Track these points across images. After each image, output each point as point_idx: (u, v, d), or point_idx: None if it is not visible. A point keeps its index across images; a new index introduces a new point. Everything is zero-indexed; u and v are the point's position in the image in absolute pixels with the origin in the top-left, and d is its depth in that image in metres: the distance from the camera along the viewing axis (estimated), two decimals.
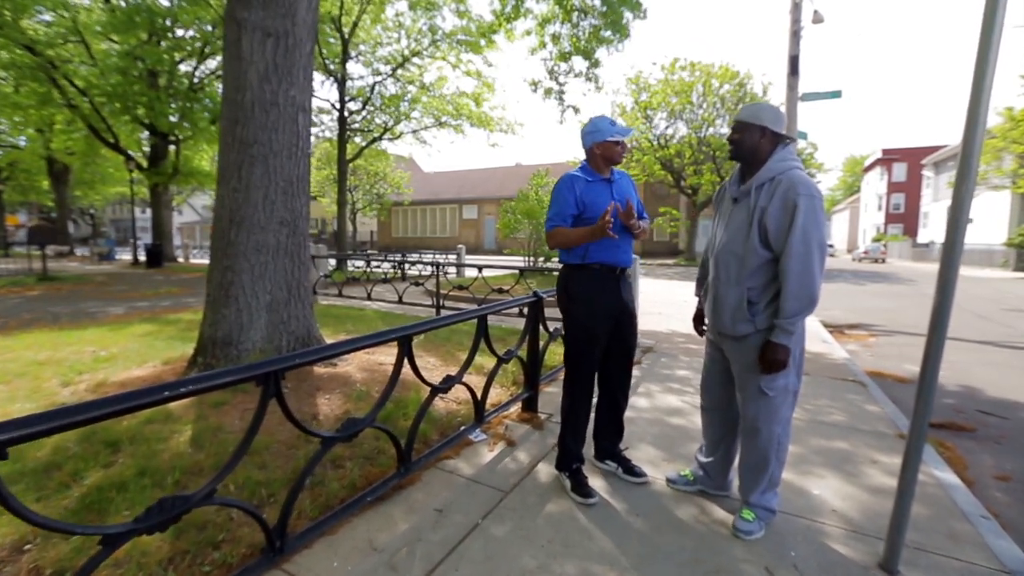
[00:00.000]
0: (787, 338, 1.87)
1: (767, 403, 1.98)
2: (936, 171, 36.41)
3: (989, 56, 1.50)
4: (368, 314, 7.03)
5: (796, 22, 8.73)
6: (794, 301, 1.84)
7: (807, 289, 1.84)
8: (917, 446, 1.69)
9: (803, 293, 1.84)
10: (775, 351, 1.89)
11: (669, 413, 3.47)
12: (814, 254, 1.83)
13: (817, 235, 1.84)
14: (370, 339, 1.95)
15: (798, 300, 1.84)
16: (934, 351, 1.62)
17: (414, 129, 16.62)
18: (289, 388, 3.25)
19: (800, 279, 1.83)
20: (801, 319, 1.86)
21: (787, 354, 1.89)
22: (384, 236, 40.94)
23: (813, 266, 1.83)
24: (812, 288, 1.84)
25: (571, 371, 2.45)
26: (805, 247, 1.82)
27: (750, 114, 1.99)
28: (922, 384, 1.64)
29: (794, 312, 1.85)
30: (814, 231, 1.83)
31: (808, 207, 1.83)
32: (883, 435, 3.22)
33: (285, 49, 3.54)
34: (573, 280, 2.42)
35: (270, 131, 3.51)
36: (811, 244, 1.83)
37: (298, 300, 3.73)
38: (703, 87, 21.69)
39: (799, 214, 1.83)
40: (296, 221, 3.71)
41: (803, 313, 1.85)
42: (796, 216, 1.83)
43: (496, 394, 3.66)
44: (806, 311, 1.86)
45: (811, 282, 1.83)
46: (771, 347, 1.90)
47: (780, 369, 1.90)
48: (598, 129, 2.37)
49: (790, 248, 1.84)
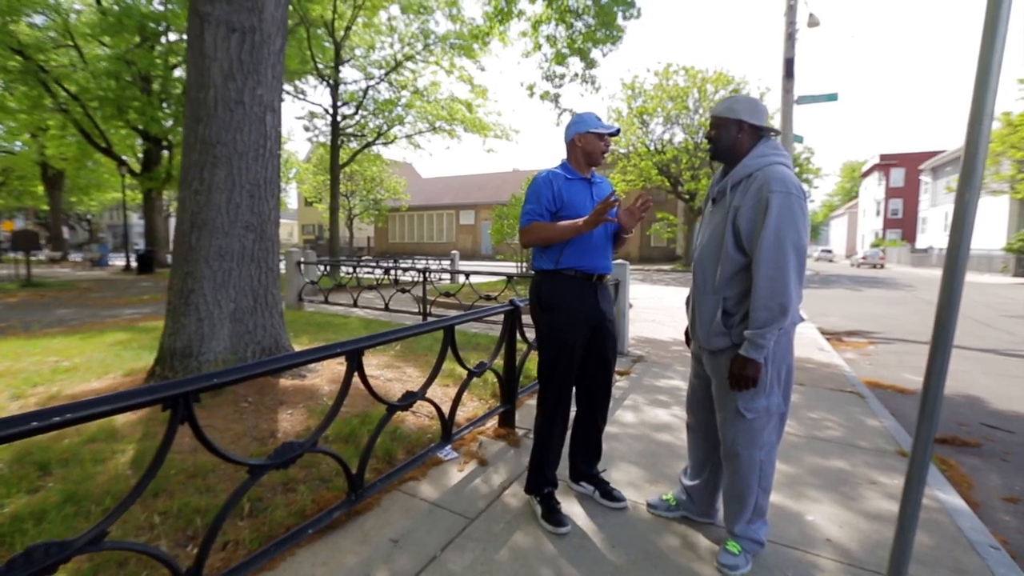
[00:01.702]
0: (756, 352, 1.67)
1: (746, 426, 1.78)
2: (934, 176, 36.35)
3: (995, 48, 1.33)
4: (352, 322, 6.84)
5: (791, 24, 8.60)
6: (763, 311, 1.64)
7: (778, 297, 1.63)
8: (920, 475, 1.50)
9: (773, 302, 1.63)
10: (742, 366, 1.69)
11: (656, 428, 3.27)
12: (788, 257, 1.63)
13: (792, 236, 1.63)
14: (309, 355, 1.75)
15: (767, 309, 1.64)
16: (937, 368, 1.43)
17: (408, 134, 16.49)
18: (250, 402, 3.06)
19: (770, 285, 1.63)
20: (772, 331, 1.65)
21: (756, 370, 1.69)
22: (381, 242, 40.81)
23: (786, 271, 1.63)
24: (784, 296, 1.63)
25: (543, 386, 2.26)
26: (777, 249, 1.63)
27: (724, 108, 1.82)
28: (924, 407, 1.45)
29: (763, 323, 1.64)
30: (788, 231, 1.63)
31: (782, 204, 1.63)
32: (883, 452, 3.02)
33: (252, 45, 3.37)
34: (545, 286, 2.24)
35: (235, 131, 3.33)
36: (784, 246, 1.63)
37: (265, 309, 3.54)
38: (699, 92, 21.62)
39: (772, 212, 1.62)
40: (263, 226, 3.52)
41: (773, 324, 1.65)
42: (769, 214, 1.63)
43: (473, 407, 3.47)
44: (777, 322, 1.65)
45: (783, 289, 1.63)
46: (738, 361, 1.70)
47: (748, 387, 1.70)
48: (582, 120, 2.23)
49: (761, 250, 1.64)
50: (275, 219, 3.64)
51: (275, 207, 3.63)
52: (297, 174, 33.44)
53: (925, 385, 1.44)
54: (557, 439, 2.26)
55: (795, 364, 1.86)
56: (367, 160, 20.73)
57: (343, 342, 1.91)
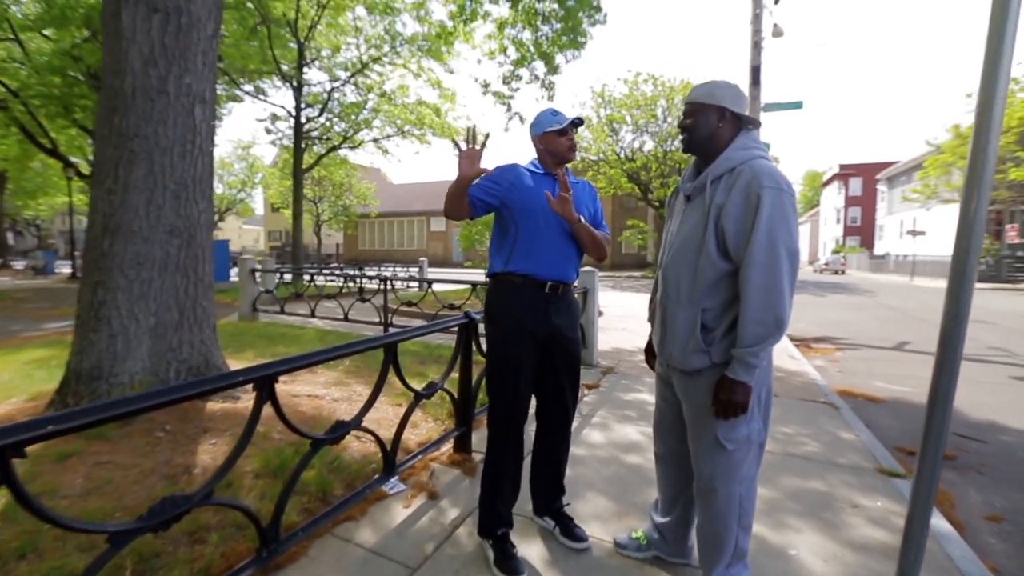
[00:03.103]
0: (747, 373, 1.44)
1: (725, 458, 1.54)
2: (889, 186, 37.88)
3: (1003, 54, 1.14)
4: (308, 333, 6.43)
5: (757, 33, 8.67)
6: (755, 325, 1.41)
7: (773, 309, 1.40)
8: (918, 544, 1.27)
9: (767, 314, 1.40)
10: (732, 390, 1.45)
11: (625, 449, 3.03)
12: (782, 263, 1.40)
13: (785, 238, 1.41)
14: (200, 385, 1.42)
15: (761, 324, 1.41)
16: (942, 398, 1.22)
17: (375, 138, 16.05)
18: (168, 431, 2.68)
19: (764, 296, 1.40)
20: (765, 349, 1.43)
21: (747, 395, 1.45)
22: (351, 249, 39.92)
23: (781, 279, 1.40)
24: (780, 307, 1.40)
25: (490, 410, 1.98)
26: (771, 254, 1.39)
27: (703, 93, 1.58)
28: (924, 457, 1.23)
29: (756, 339, 1.41)
30: (782, 233, 1.40)
31: (775, 202, 1.40)
32: (862, 470, 2.86)
33: (177, 28, 3.01)
34: (492, 294, 1.99)
35: (156, 123, 2.97)
36: (778, 250, 1.40)
37: (193, 323, 3.16)
38: (666, 101, 21.88)
39: (763, 211, 1.40)
40: (192, 230, 3.15)
41: (768, 341, 1.42)
42: (760, 214, 1.40)
43: (428, 429, 3.16)
44: (772, 338, 1.42)
45: (778, 300, 1.40)
46: (727, 385, 1.46)
47: (738, 414, 1.47)
48: (538, 121, 2.01)
49: (752, 255, 1.40)
50: (207, 223, 3.27)
51: (206, 210, 3.26)
52: (263, 179, 32.50)
53: (927, 428, 1.24)
54: (510, 471, 1.98)
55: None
56: (334, 165, 20.14)
57: (253, 367, 1.60)
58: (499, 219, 1.97)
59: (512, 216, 1.93)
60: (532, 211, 1.90)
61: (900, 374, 5.65)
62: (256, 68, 13.22)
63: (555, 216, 1.89)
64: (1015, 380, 5.43)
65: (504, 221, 1.96)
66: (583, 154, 24.87)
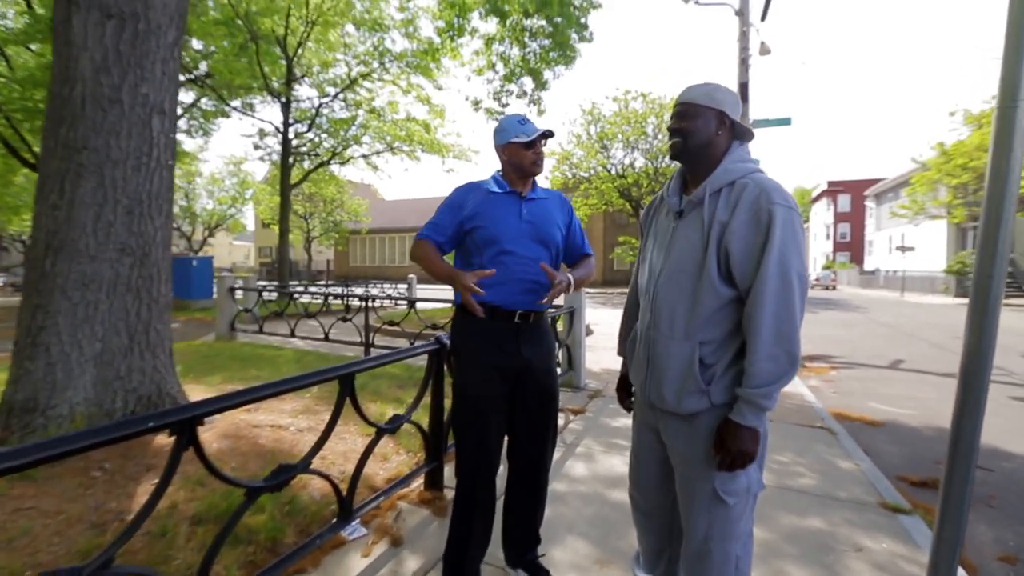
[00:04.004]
0: (758, 417, 1.25)
1: (723, 513, 1.34)
2: (877, 202, 38.31)
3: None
4: (286, 354, 6.17)
5: (744, 50, 8.68)
6: (767, 362, 1.22)
7: (785, 342, 1.22)
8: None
9: (779, 348, 1.22)
10: (740, 437, 1.25)
11: (611, 484, 2.82)
12: (794, 291, 1.23)
13: (797, 264, 1.24)
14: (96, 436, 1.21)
15: (774, 360, 1.22)
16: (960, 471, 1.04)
17: (364, 154, 15.96)
18: (106, 470, 2.43)
19: (776, 326, 1.22)
20: (779, 388, 1.24)
21: (757, 442, 1.27)
22: (341, 265, 39.64)
23: (794, 308, 1.23)
24: (793, 340, 1.23)
25: (457, 459, 1.78)
26: (783, 281, 1.22)
27: (702, 94, 1.39)
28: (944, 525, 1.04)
29: (768, 378, 1.22)
30: (793, 257, 1.24)
31: (787, 222, 1.23)
32: (864, 506, 2.66)
33: (134, 35, 2.85)
34: (457, 326, 1.80)
35: (107, 135, 2.78)
36: (790, 276, 1.23)
37: (145, 348, 2.93)
38: (656, 119, 22.04)
39: (775, 232, 1.22)
40: (147, 248, 2.94)
41: (782, 379, 1.24)
42: (771, 235, 1.23)
43: (399, 463, 2.93)
44: (786, 375, 1.24)
45: (791, 331, 1.23)
46: (733, 431, 1.26)
47: (747, 464, 1.27)
48: (502, 128, 1.81)
49: (763, 282, 1.23)
50: (164, 240, 3.06)
51: (163, 226, 3.05)
52: (254, 195, 32.32)
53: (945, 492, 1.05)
54: (479, 521, 1.76)
55: None
56: (323, 181, 20.00)
57: (170, 409, 1.38)
58: (461, 245, 1.79)
59: (475, 243, 1.75)
60: (496, 237, 1.72)
61: (896, 394, 5.49)
62: (244, 84, 13.13)
63: (523, 240, 1.72)
64: (1014, 401, 5.28)
65: (467, 248, 1.78)
66: (575, 171, 24.94)
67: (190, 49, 13.18)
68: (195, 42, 12.85)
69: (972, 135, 19.95)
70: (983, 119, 19.72)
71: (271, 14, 12.41)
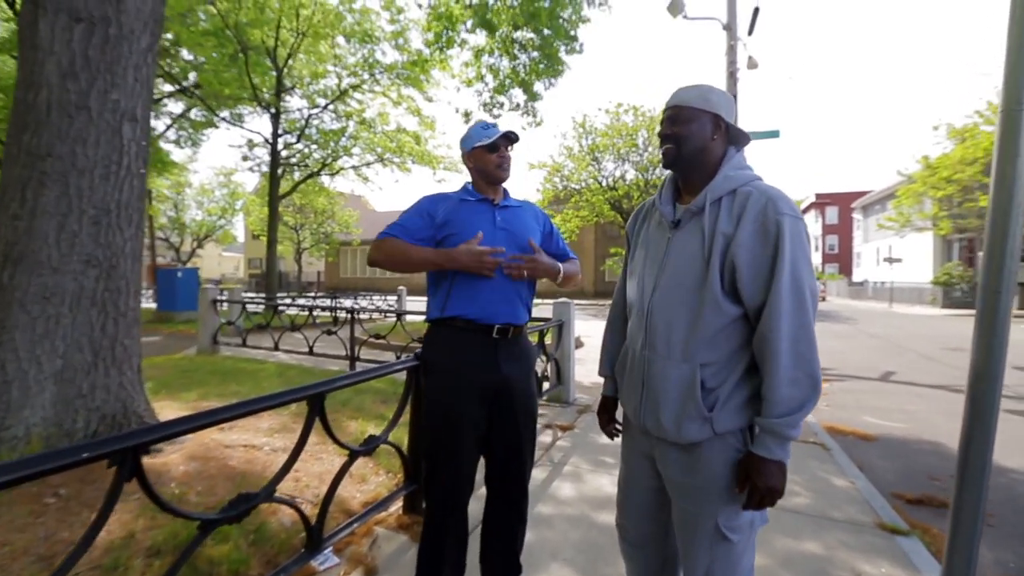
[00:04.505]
0: (784, 449, 1.14)
1: (726, 551, 1.22)
2: (864, 214, 38.82)
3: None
4: (268, 368, 6.01)
5: (732, 64, 8.75)
6: (790, 387, 1.12)
7: (807, 364, 1.12)
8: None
9: (800, 371, 1.12)
10: (767, 473, 1.13)
11: (599, 506, 2.70)
12: (809, 308, 1.14)
13: (809, 278, 1.16)
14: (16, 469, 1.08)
15: (796, 385, 1.12)
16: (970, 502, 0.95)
17: (354, 165, 15.89)
18: (61, 496, 2.28)
19: (794, 348, 1.12)
20: (804, 415, 1.14)
21: (785, 476, 1.15)
22: (332, 277, 39.35)
23: (810, 327, 1.14)
24: (814, 362, 1.14)
25: (427, 484, 1.68)
26: (797, 297, 1.13)
27: (696, 96, 1.29)
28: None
29: (793, 405, 1.12)
30: (805, 272, 1.15)
31: (796, 234, 1.15)
32: (860, 527, 2.56)
33: (104, 40, 2.75)
34: (430, 342, 1.70)
35: (74, 142, 2.66)
36: (803, 293, 1.14)
37: (111, 365, 2.78)
38: (647, 132, 22.23)
39: (785, 245, 1.13)
40: (114, 260, 2.81)
41: (807, 405, 1.13)
42: (781, 248, 1.13)
43: (377, 484, 2.79)
44: (811, 400, 1.13)
45: (810, 352, 1.13)
46: (759, 466, 1.14)
47: (776, 499, 1.15)
48: (467, 136, 1.76)
49: (777, 300, 1.13)
50: (133, 252, 2.94)
51: (133, 237, 2.93)
52: (244, 205, 32.10)
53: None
54: (452, 550, 1.65)
55: None
56: (313, 192, 19.89)
57: (109, 437, 1.26)
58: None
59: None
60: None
61: (889, 407, 5.43)
62: (234, 94, 13.05)
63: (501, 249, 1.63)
64: (1008, 414, 5.23)
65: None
66: (566, 183, 25.03)
67: (179, 59, 13.13)
68: (185, 52, 12.82)
69: (955, 149, 20.29)
70: (966, 133, 20.09)
71: (261, 25, 12.38)
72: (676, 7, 8.36)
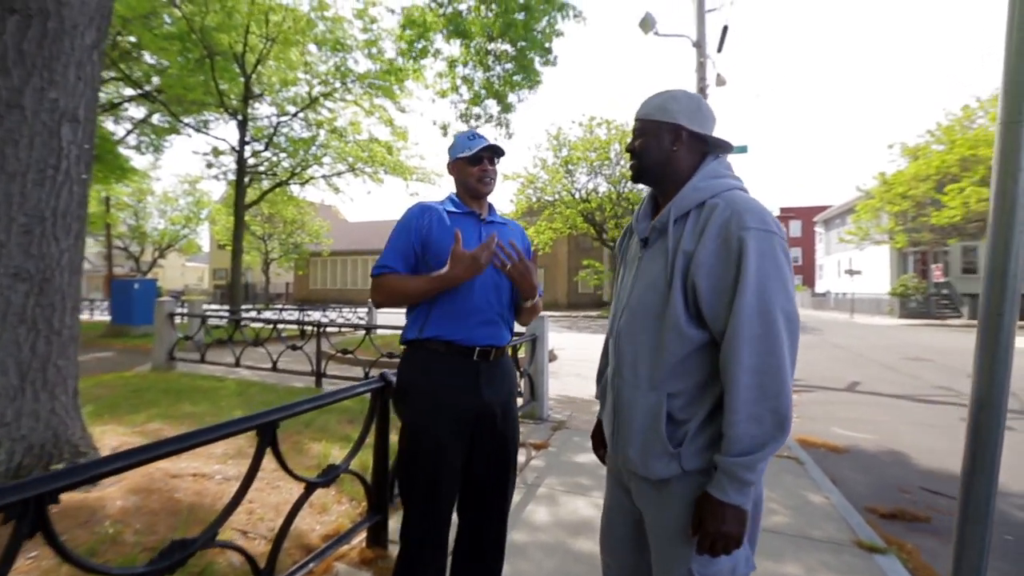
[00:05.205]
0: (741, 493, 1.00)
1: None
2: (826, 228, 40.29)
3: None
4: (228, 386, 5.69)
5: (702, 80, 8.94)
6: (749, 423, 0.99)
7: (771, 399, 0.99)
8: None
9: (763, 407, 0.99)
10: (721, 516, 1.01)
11: (575, 531, 2.58)
12: (780, 334, 1.00)
13: (782, 300, 1.02)
14: None
15: (756, 422, 0.99)
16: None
17: (325, 175, 15.55)
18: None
19: (757, 380, 0.99)
20: (765, 457, 1.01)
21: (742, 522, 1.03)
22: (301, 288, 38.41)
23: (780, 356, 1.00)
24: (781, 396, 0.99)
25: (404, 509, 1.54)
26: (764, 321, 1.00)
27: (656, 107, 1.21)
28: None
29: (751, 444, 0.99)
30: (775, 291, 1.02)
31: (763, 250, 1.03)
32: (839, 545, 2.51)
33: (41, 34, 2.54)
34: (406, 365, 1.58)
35: (3, 143, 2.43)
36: (773, 315, 1.01)
37: (41, 389, 2.53)
38: (619, 145, 22.60)
39: (749, 262, 1.01)
40: (48, 273, 2.57)
41: (769, 445, 1.00)
42: (745, 267, 1.01)
43: (340, 513, 2.61)
44: (774, 440, 1.00)
45: (778, 385, 0.99)
46: (713, 509, 1.02)
47: (731, 549, 1.03)
48: (452, 146, 1.67)
49: (738, 324, 1.01)
50: (71, 264, 2.70)
51: (72, 248, 2.69)
52: (209, 214, 31.06)
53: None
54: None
55: None
56: (282, 201, 19.37)
57: (7, 487, 1.07)
58: (414, 272, 1.58)
59: (429, 268, 1.54)
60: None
61: (857, 418, 5.51)
62: (199, 100, 12.62)
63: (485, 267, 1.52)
64: (958, 421, 5.37)
65: (419, 274, 1.57)
66: (540, 194, 25.17)
67: (142, 63, 12.64)
68: (148, 56, 12.34)
69: (909, 166, 21.30)
70: (919, 152, 21.15)
71: (229, 30, 12.03)
72: (648, 24, 8.50)
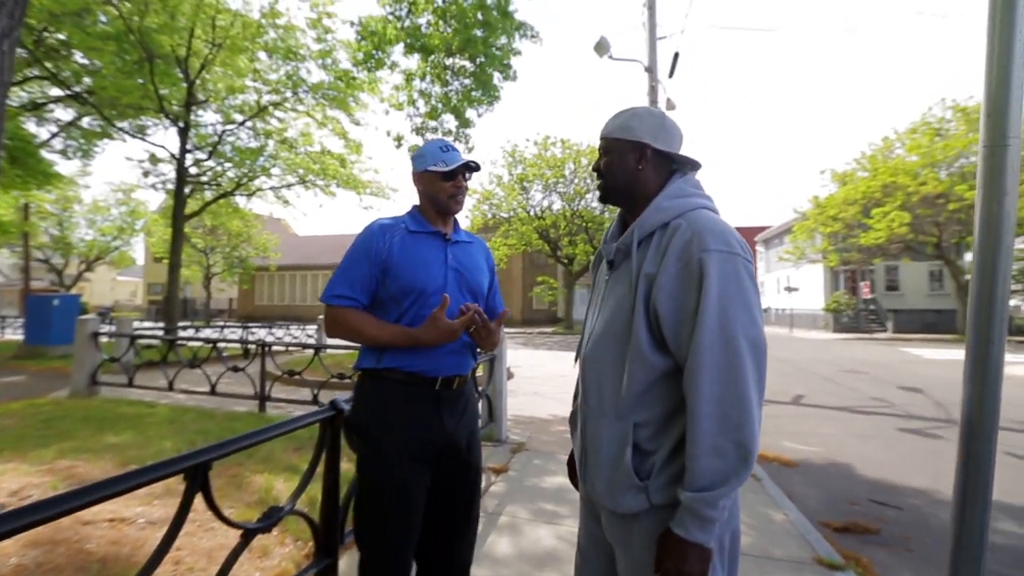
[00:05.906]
0: (703, 530, 0.95)
1: None
2: (767, 247, 42.61)
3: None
4: (159, 413, 5.21)
5: (653, 103, 9.25)
6: (710, 457, 0.94)
7: (735, 431, 0.94)
8: None
9: (725, 439, 0.94)
10: (682, 554, 0.95)
11: (540, 563, 2.46)
12: (743, 361, 0.96)
13: (746, 324, 0.97)
14: None
15: (718, 455, 0.94)
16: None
17: (274, 187, 14.94)
18: None
19: (720, 411, 0.94)
20: (728, 492, 0.95)
21: (705, 561, 0.96)
22: (246, 304, 36.55)
23: (744, 384, 0.95)
24: (744, 428, 0.94)
25: (363, 552, 1.39)
26: (726, 349, 0.96)
27: (619, 126, 1.18)
28: None
29: (712, 479, 0.94)
30: (738, 315, 0.97)
31: (726, 273, 0.99)
32: (801, 564, 2.53)
33: None
34: (362, 395, 1.44)
35: None
36: (736, 342, 0.96)
37: None
38: (574, 164, 23.12)
39: (711, 286, 0.97)
40: None
41: (731, 481, 0.95)
42: (706, 290, 0.97)
43: (282, 557, 2.37)
44: (737, 475, 0.95)
45: (743, 416, 0.94)
46: (674, 546, 0.96)
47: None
48: (421, 154, 1.54)
49: (699, 352, 0.96)
50: None
51: None
52: (145, 225, 29.12)
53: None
54: None
55: None
56: (226, 213, 18.43)
57: None
58: (377, 301, 1.45)
59: (390, 294, 1.42)
60: (417, 287, 1.41)
61: (804, 431, 5.70)
62: (135, 104, 11.85)
63: (450, 290, 1.42)
64: (902, 432, 5.68)
65: (379, 300, 1.44)
66: (495, 211, 25.26)
67: (71, 62, 11.77)
68: (79, 55, 11.52)
69: (839, 191, 22.94)
70: (847, 177, 22.84)
71: (171, 32, 11.42)
72: (603, 47, 8.74)
